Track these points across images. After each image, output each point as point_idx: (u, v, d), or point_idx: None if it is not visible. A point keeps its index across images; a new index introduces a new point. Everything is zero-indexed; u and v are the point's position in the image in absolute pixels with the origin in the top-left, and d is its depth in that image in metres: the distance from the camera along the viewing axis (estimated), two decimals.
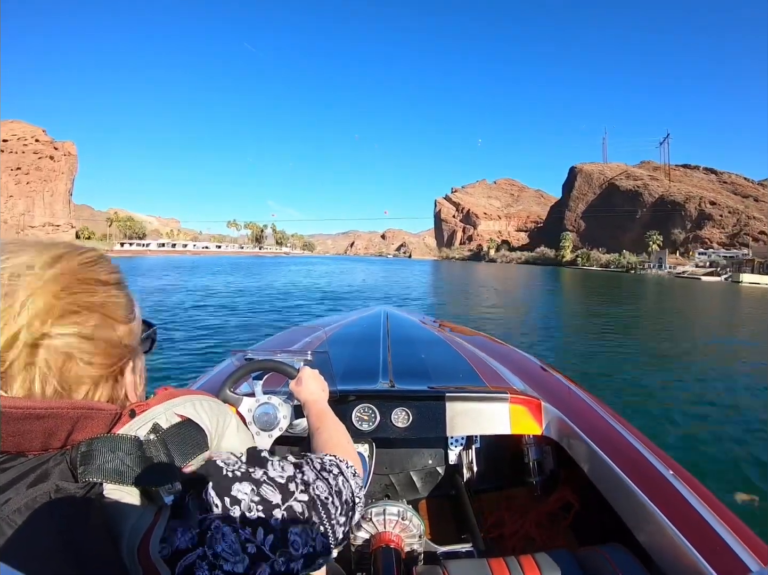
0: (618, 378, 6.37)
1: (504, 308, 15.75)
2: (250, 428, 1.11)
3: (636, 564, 0.97)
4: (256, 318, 10.70)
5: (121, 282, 0.51)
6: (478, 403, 1.54)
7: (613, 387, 5.80)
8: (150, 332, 0.59)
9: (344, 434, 0.84)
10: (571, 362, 7.22)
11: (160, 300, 13.92)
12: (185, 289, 17.98)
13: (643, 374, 6.57)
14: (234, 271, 36.37)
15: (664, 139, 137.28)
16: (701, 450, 3.83)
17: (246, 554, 0.44)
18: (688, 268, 78.52)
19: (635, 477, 1.08)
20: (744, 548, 0.82)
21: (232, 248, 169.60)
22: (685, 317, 15.57)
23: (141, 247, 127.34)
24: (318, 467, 0.60)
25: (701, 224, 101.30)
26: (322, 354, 1.28)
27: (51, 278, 0.42)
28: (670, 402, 5.25)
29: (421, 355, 2.13)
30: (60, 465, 0.41)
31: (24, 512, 0.37)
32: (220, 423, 0.56)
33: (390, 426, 1.51)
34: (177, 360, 6.27)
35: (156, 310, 11.34)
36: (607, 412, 1.52)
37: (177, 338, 7.80)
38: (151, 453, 0.45)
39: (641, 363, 7.27)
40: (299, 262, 65.18)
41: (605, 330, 10.84)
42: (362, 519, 1.30)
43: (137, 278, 24.25)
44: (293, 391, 1.06)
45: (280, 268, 42.92)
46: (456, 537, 1.54)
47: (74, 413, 0.42)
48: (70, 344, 0.43)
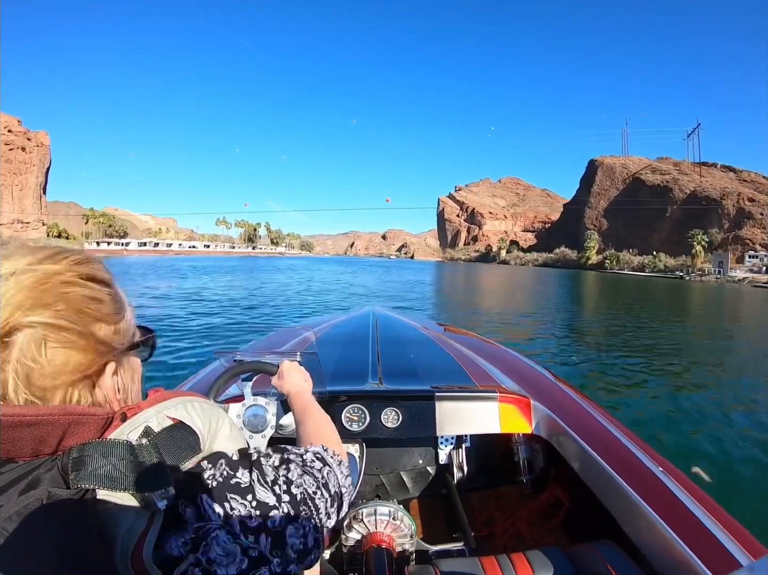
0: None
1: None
2: (242, 433, 1.08)
3: (627, 560, 0.97)
4: (245, 319, 10.37)
5: (106, 280, 0.50)
6: (468, 402, 1.55)
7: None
8: (147, 338, 0.58)
9: (328, 424, 0.84)
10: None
11: (147, 300, 13.66)
12: (177, 290, 17.65)
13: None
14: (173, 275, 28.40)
15: (693, 130, 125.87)
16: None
17: (246, 557, 0.44)
18: (742, 273, 67.53)
19: (625, 475, 1.09)
20: (734, 542, 0.83)
21: (221, 248, 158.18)
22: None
23: (119, 247, 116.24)
24: (304, 460, 0.59)
25: (741, 223, 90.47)
26: (311, 355, 1.28)
27: (33, 274, 0.42)
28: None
29: (411, 355, 2.15)
30: (51, 472, 0.40)
31: (16, 520, 0.37)
32: (212, 425, 0.55)
33: (380, 427, 1.51)
34: (164, 362, 5.85)
35: (145, 310, 11.24)
36: (596, 410, 1.53)
37: (164, 340, 7.31)
38: (143, 457, 0.44)
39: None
40: (283, 265, 56.88)
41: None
42: (353, 520, 1.30)
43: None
44: (276, 386, 1.07)
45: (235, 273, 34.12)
46: (447, 536, 1.53)
47: (66, 419, 0.41)
48: (44, 332, 0.42)
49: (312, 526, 0.53)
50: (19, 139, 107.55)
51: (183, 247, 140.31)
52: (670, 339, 9.63)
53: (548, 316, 13.40)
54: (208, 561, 0.42)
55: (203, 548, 0.42)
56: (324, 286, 22.89)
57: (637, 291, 31.52)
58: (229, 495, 0.47)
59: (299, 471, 0.56)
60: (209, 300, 14.18)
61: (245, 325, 9.38)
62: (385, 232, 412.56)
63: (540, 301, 19.11)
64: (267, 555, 0.46)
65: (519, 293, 24.75)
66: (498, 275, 51.17)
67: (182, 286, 19.11)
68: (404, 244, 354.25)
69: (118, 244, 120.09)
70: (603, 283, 43.98)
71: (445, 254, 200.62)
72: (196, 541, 0.43)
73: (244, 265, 48.70)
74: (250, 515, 0.47)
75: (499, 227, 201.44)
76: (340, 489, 0.61)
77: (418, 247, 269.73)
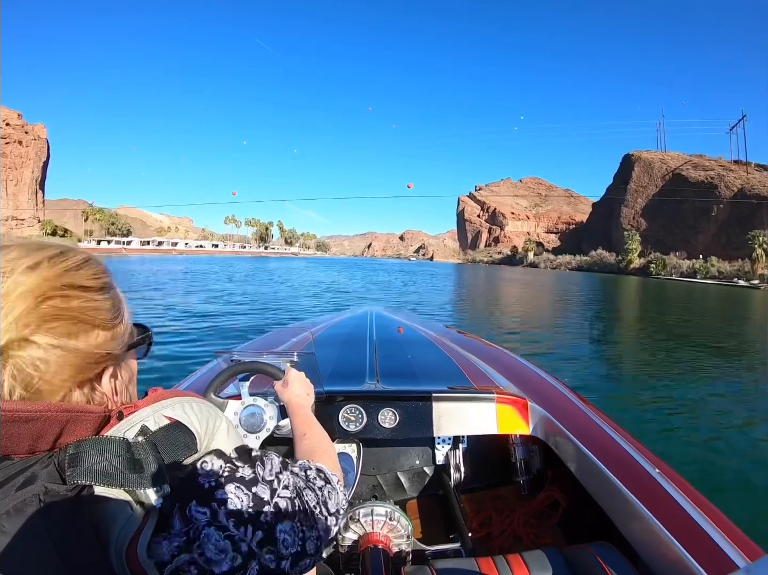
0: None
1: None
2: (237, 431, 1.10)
3: (623, 561, 0.97)
4: (243, 319, 10.40)
5: (106, 286, 0.50)
6: (465, 403, 1.56)
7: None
8: (144, 337, 0.58)
9: (329, 443, 0.85)
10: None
11: (148, 298, 13.74)
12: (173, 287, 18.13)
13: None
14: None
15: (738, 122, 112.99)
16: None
17: (237, 552, 0.45)
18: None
19: (622, 476, 1.09)
20: (730, 545, 0.83)
21: (231, 248, 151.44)
22: None
23: (119, 245, 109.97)
24: (307, 476, 0.61)
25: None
26: (309, 355, 1.30)
27: (30, 283, 0.42)
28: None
29: (408, 356, 2.18)
30: (47, 468, 0.41)
31: (13, 515, 0.37)
32: (209, 424, 0.55)
33: (377, 427, 1.53)
34: (162, 361, 5.86)
35: (145, 308, 11.29)
36: (593, 412, 1.55)
37: (162, 338, 7.35)
38: (140, 455, 0.44)
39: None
40: (290, 267, 51.37)
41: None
42: (350, 520, 1.32)
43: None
44: (278, 391, 1.07)
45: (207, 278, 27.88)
46: (444, 537, 1.55)
47: (63, 416, 0.41)
48: (42, 354, 0.42)
49: (310, 534, 0.54)
50: (17, 133, 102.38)
51: (190, 246, 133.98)
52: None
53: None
54: (206, 561, 0.43)
55: (197, 548, 0.43)
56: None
57: (695, 301, 26.20)
58: (223, 495, 0.47)
59: (302, 484, 0.58)
60: (209, 299, 14.20)
61: (245, 325, 9.26)
62: (402, 232, 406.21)
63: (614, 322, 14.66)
64: (255, 550, 0.46)
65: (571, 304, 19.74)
66: (535, 282, 41.88)
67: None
68: (422, 245, 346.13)
69: (119, 242, 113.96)
70: (656, 291, 35.52)
71: (466, 256, 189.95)
72: (189, 544, 0.43)
73: (245, 269, 41.21)
74: (242, 508, 0.47)
75: (522, 228, 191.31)
76: (337, 508, 0.62)
77: (437, 248, 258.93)
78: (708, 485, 2.90)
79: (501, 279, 45.57)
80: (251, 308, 12.65)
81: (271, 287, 21.10)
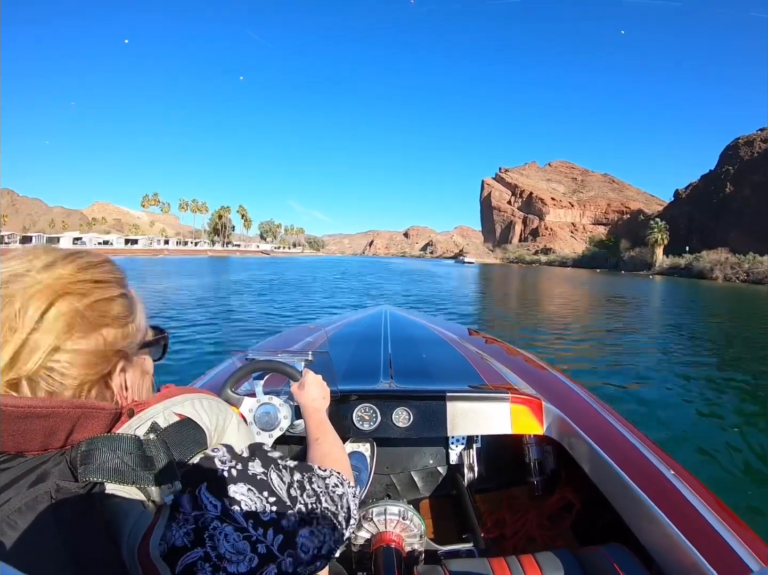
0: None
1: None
2: (250, 428, 1.11)
3: (637, 564, 0.96)
4: (258, 318, 10.36)
5: (119, 284, 0.51)
6: (479, 403, 1.56)
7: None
8: (159, 338, 0.59)
9: (342, 450, 0.86)
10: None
11: (164, 299, 13.45)
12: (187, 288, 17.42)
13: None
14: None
15: None
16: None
17: (255, 554, 0.44)
18: None
19: (636, 477, 1.08)
20: (745, 548, 0.82)
21: (158, 245, 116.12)
22: None
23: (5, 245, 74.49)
24: (326, 484, 0.61)
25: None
26: (323, 354, 1.29)
27: (45, 283, 0.43)
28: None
29: (422, 355, 2.18)
30: (59, 465, 0.41)
31: (25, 512, 0.37)
32: (219, 421, 0.56)
33: (391, 426, 1.52)
34: (178, 359, 5.81)
35: (161, 308, 11.14)
36: (608, 412, 1.54)
37: (178, 337, 7.33)
38: (151, 452, 0.44)
39: None
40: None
41: None
42: (363, 519, 1.30)
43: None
44: (294, 393, 1.07)
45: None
46: (457, 537, 1.53)
47: (75, 412, 0.42)
48: (53, 346, 0.43)
49: (326, 537, 0.54)
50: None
51: (143, 245, 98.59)
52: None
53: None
54: (218, 556, 0.42)
55: (211, 542, 0.43)
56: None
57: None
58: (235, 493, 0.47)
59: (322, 490, 0.58)
60: (225, 298, 14.22)
61: (260, 323, 9.26)
62: (407, 229, 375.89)
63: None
64: (275, 552, 0.46)
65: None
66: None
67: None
68: (429, 242, 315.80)
69: (50, 239, 78.69)
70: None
71: (505, 253, 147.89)
72: (199, 534, 0.43)
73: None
74: (263, 509, 0.47)
75: (564, 218, 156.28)
76: (349, 514, 0.63)
77: (469, 246, 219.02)
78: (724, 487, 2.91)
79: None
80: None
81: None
